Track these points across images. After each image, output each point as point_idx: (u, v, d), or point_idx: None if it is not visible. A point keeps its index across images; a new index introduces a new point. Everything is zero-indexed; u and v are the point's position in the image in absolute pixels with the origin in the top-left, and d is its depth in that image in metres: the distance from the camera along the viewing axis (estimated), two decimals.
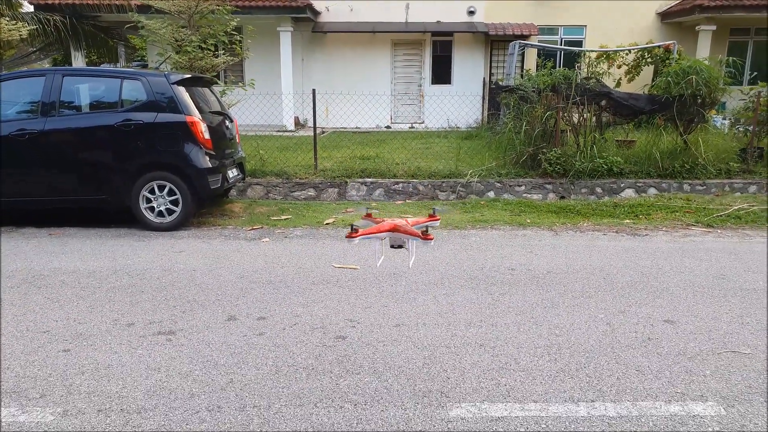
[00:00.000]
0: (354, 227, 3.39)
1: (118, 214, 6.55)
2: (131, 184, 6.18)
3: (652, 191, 8.23)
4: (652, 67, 13.83)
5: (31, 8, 12.87)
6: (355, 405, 2.80)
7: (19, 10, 10.68)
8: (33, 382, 3.01)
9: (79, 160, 6.27)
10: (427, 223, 4.68)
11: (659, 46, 13.59)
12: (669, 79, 8.24)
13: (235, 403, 2.80)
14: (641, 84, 11.91)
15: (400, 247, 3.85)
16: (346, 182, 8.28)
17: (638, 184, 8.28)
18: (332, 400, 2.84)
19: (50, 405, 2.79)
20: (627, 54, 13.83)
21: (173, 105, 6.12)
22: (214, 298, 4.20)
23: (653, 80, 10.67)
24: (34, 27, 10.03)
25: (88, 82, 6.50)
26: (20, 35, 8.47)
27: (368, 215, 4.53)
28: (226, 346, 3.41)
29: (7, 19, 8.25)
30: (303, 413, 2.73)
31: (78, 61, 13.95)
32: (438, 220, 5.04)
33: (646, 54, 13.68)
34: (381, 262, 3.72)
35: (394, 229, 4.62)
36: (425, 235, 4.47)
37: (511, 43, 13.90)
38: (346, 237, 3.10)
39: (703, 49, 14.02)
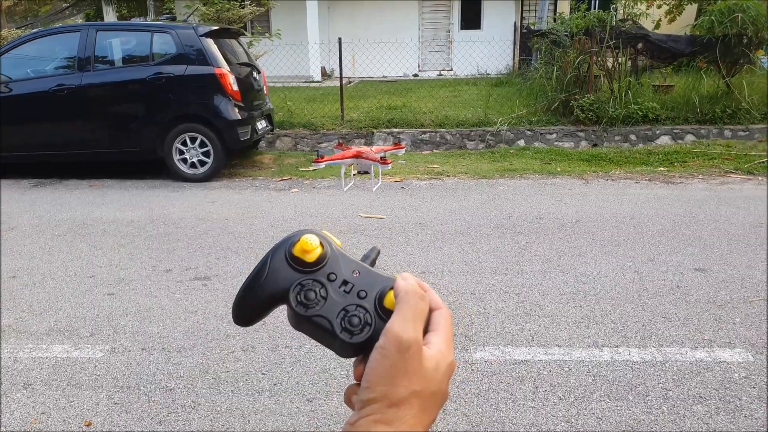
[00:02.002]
0: (320, 153, 3.62)
1: (152, 166, 6.72)
2: (164, 137, 6.31)
3: (690, 138, 7.97)
4: (695, 6, 13.11)
5: None
6: None
7: None
8: (83, 322, 3.22)
9: (115, 113, 6.42)
10: (392, 151, 5.66)
11: None
12: (712, 18, 7.82)
13: (268, 344, 2.95)
14: (683, 24, 11.33)
15: (366, 173, 4.27)
16: (373, 132, 8.26)
17: (675, 131, 8.02)
18: None
19: (99, 343, 3.00)
20: None
21: (202, 57, 6.15)
22: (247, 245, 4.34)
23: (696, 20, 10.14)
24: None
25: (121, 37, 6.58)
26: None
27: (339, 144, 5.12)
28: None
29: None
30: (332, 354, 2.84)
31: (109, 15, 14.01)
32: (403, 148, 5.93)
33: None
34: (348, 187, 3.93)
35: (358, 156, 5.30)
36: (383, 160, 5.27)
37: None
38: (313, 162, 3.20)
39: None
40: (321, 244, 0.50)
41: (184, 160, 6.39)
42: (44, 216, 5.21)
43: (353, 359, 0.50)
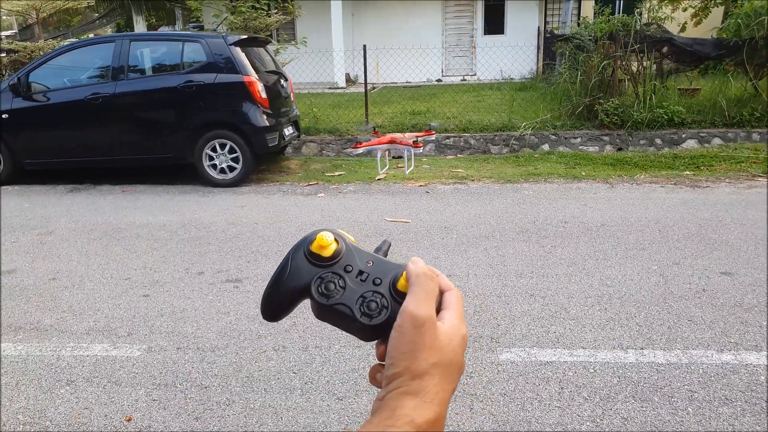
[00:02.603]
0: (359, 140, 4.17)
1: (182, 170, 6.91)
2: (194, 143, 6.49)
3: (717, 141, 7.89)
4: (722, 9, 12.93)
5: None
6: None
7: None
8: (120, 322, 3.35)
9: (146, 121, 6.64)
10: (423, 137, 6.35)
11: None
12: (739, 21, 7.75)
13: (299, 344, 3.04)
14: (709, 27, 11.20)
15: (400, 157, 4.96)
16: None
17: (701, 134, 7.94)
18: None
19: (136, 342, 3.12)
20: None
21: (231, 66, 6.32)
22: (276, 249, 4.45)
23: (723, 22, 10.03)
24: None
25: (153, 47, 6.80)
26: (88, 3, 8.86)
27: (375, 132, 5.88)
28: None
29: None
30: (361, 353, 2.93)
31: (139, 24, 14.39)
32: (433, 134, 6.88)
33: None
34: (384, 171, 4.41)
35: (392, 141, 6.03)
36: (415, 144, 6.16)
37: None
38: (353, 147, 3.45)
39: None
40: (336, 240, 0.56)
41: (214, 166, 6.56)
42: (80, 220, 5.41)
43: (374, 342, 0.55)
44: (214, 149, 6.52)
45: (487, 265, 4.03)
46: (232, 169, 6.56)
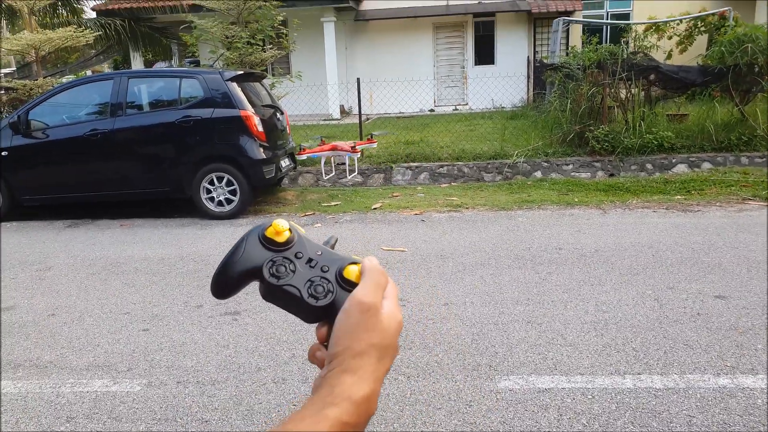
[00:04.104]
0: (302, 147, 4.84)
1: (181, 203, 6.96)
2: (192, 176, 6.56)
3: (707, 165, 8.02)
4: (706, 36, 13.29)
5: (93, 14, 13.65)
6: (408, 377, 3.00)
7: (81, 16, 11.37)
8: (120, 357, 3.36)
9: (145, 156, 6.72)
10: (364, 145, 7.74)
11: (713, 14, 13.03)
12: (722, 48, 7.97)
13: (298, 376, 3.05)
14: (695, 54, 11.49)
15: (344, 164, 5.57)
16: (392, 167, 8.45)
17: (691, 159, 8.07)
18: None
19: (136, 377, 3.13)
20: (678, 24, 13.31)
21: (228, 100, 6.44)
22: None
23: (707, 50, 10.30)
24: (98, 33, 10.64)
25: (150, 83, 6.93)
26: (87, 41, 9.03)
27: (322, 141, 7.36)
28: (287, 324, 3.67)
29: (75, 26, 8.84)
30: None
31: (136, 61, 14.61)
32: (374, 143, 8.21)
33: (698, 23, 13.13)
34: (329, 177, 4.97)
35: (334, 148, 7.07)
36: (353, 149, 7.19)
37: (554, 20, 13.63)
38: (298, 154, 3.80)
39: (762, 15, 13.34)
40: (290, 228, 0.61)
41: (212, 199, 6.61)
42: (79, 255, 5.43)
43: (316, 325, 0.60)
44: (211, 182, 6.59)
45: (483, 292, 4.06)
46: (229, 201, 6.62)
